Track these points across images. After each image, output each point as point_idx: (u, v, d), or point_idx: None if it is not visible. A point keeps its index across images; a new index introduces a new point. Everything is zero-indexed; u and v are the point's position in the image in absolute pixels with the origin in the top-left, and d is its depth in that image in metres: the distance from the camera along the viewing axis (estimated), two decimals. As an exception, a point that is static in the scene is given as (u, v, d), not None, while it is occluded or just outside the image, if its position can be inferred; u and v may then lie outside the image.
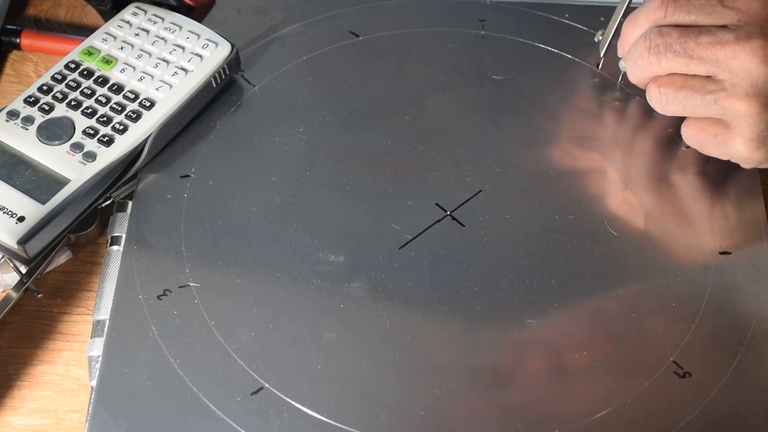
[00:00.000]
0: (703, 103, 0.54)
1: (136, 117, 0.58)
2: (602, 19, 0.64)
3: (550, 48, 0.65)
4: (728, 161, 0.57)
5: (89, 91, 0.59)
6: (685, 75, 0.55)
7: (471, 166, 0.59)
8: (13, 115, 0.58)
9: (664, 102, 0.56)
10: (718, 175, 0.58)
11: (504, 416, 0.49)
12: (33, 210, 0.53)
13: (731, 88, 0.53)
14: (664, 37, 0.54)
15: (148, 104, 0.58)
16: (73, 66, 0.60)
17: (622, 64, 0.60)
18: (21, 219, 0.53)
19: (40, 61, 0.67)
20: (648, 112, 0.61)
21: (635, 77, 0.58)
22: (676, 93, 0.55)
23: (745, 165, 0.56)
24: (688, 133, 0.57)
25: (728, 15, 0.53)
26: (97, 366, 0.51)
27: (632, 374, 0.51)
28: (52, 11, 0.70)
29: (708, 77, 0.54)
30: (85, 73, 0.60)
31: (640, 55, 0.55)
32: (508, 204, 0.57)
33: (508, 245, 0.55)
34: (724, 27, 0.53)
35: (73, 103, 0.58)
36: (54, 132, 0.57)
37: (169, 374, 0.50)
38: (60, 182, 0.55)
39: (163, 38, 0.62)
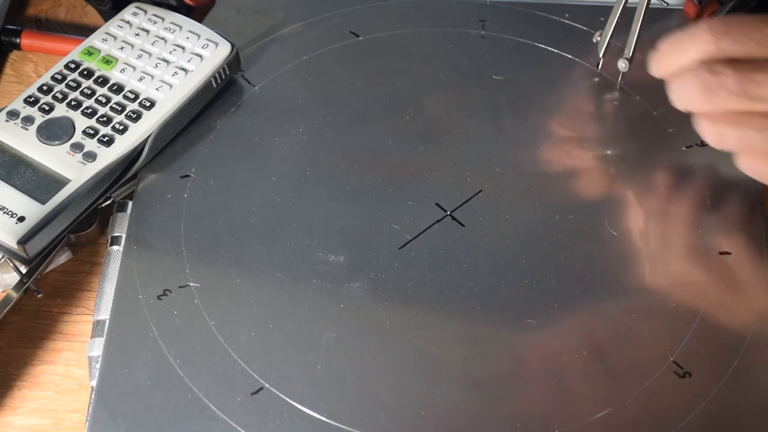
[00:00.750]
0: (763, 138, 0.51)
1: (136, 117, 0.58)
2: (602, 19, 0.64)
3: (550, 48, 0.65)
4: (727, 160, 0.57)
5: (89, 91, 0.59)
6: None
7: (471, 166, 0.59)
8: (13, 115, 0.58)
9: (720, 139, 0.53)
10: (719, 175, 0.58)
11: (504, 416, 0.49)
12: (33, 210, 0.53)
13: None
14: (718, 76, 0.51)
15: (148, 104, 0.58)
16: (73, 66, 0.60)
17: (621, 65, 0.60)
18: (21, 219, 0.53)
19: (40, 61, 0.67)
20: (648, 111, 0.61)
21: (680, 107, 0.54)
22: (733, 130, 0.52)
23: None
24: (745, 164, 0.54)
25: None
26: (97, 366, 0.51)
27: (632, 374, 0.51)
28: (52, 11, 0.70)
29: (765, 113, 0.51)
30: (85, 73, 0.60)
31: (691, 94, 0.52)
32: (508, 204, 0.57)
33: (508, 245, 0.56)
34: None
35: (73, 103, 0.58)
36: (54, 132, 0.57)
37: (169, 374, 0.50)
38: (60, 182, 0.55)
39: (163, 38, 0.62)
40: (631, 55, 0.61)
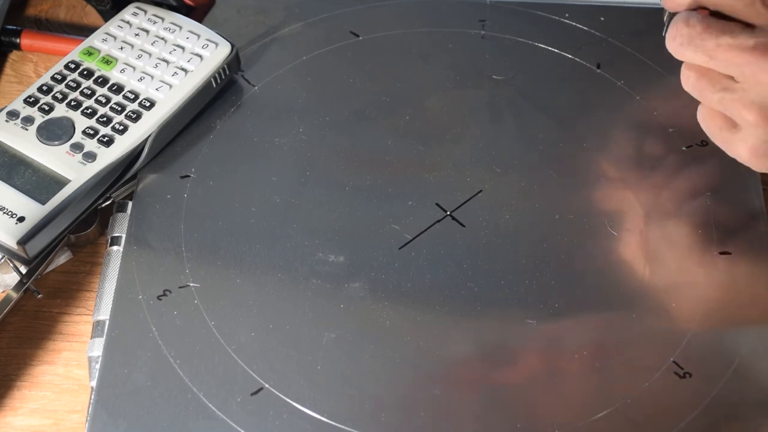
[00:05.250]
0: (715, 98, 0.53)
1: (136, 117, 0.58)
2: (602, 19, 0.64)
3: (550, 48, 0.65)
4: (727, 160, 0.57)
5: (89, 92, 0.59)
6: None
7: (471, 166, 0.59)
8: (13, 115, 0.58)
9: (688, 85, 0.54)
10: (719, 175, 0.58)
11: (504, 416, 0.49)
12: (33, 210, 0.53)
13: (742, 92, 0.52)
14: (689, 28, 0.52)
15: (148, 104, 0.58)
16: (73, 66, 0.60)
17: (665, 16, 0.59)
18: (21, 219, 0.53)
19: (40, 61, 0.67)
20: (648, 111, 0.61)
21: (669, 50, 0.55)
22: (697, 80, 0.53)
23: (753, 167, 0.55)
24: (699, 115, 0.55)
25: (763, 15, 0.50)
26: (97, 366, 0.51)
27: (632, 374, 0.51)
28: (52, 11, 0.70)
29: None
30: (85, 73, 0.60)
31: (669, 39, 0.53)
32: (508, 204, 0.57)
33: (508, 245, 0.55)
34: (750, 27, 0.51)
35: (73, 103, 0.58)
36: (54, 132, 0.57)
37: (169, 374, 0.50)
38: (60, 182, 0.55)
39: (163, 38, 0.62)
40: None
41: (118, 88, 0.59)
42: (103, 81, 0.60)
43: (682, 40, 0.52)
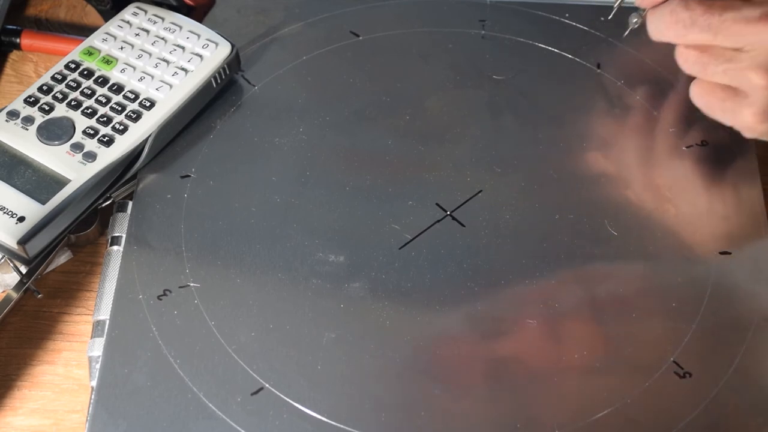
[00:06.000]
0: (722, 70, 0.54)
1: (136, 117, 0.58)
2: (602, 18, 0.64)
3: (550, 48, 0.65)
4: (727, 160, 0.57)
5: (89, 91, 0.59)
6: None
7: (471, 166, 0.59)
8: (13, 115, 0.58)
9: (688, 63, 0.56)
10: (719, 174, 0.58)
11: (504, 416, 0.49)
12: (33, 210, 0.53)
13: (749, 59, 0.52)
14: (690, 11, 0.53)
15: (148, 104, 0.59)
16: (73, 66, 0.60)
17: (632, 19, 0.59)
18: (21, 219, 0.53)
19: (40, 61, 0.67)
20: (648, 112, 0.61)
21: (657, 39, 0.57)
22: (699, 56, 0.55)
23: (747, 134, 0.56)
24: (695, 92, 0.56)
25: None
26: (97, 366, 0.51)
27: (632, 374, 0.51)
28: (52, 11, 0.70)
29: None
30: (85, 73, 0.60)
31: (667, 27, 0.55)
32: (508, 204, 0.57)
33: (508, 245, 0.55)
34: (747, 1, 0.52)
35: (73, 103, 0.58)
36: (54, 132, 0.57)
37: (169, 374, 0.50)
38: (60, 182, 0.55)
39: (163, 38, 0.62)
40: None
41: (118, 88, 0.59)
42: (103, 81, 0.60)
43: (685, 23, 0.54)
